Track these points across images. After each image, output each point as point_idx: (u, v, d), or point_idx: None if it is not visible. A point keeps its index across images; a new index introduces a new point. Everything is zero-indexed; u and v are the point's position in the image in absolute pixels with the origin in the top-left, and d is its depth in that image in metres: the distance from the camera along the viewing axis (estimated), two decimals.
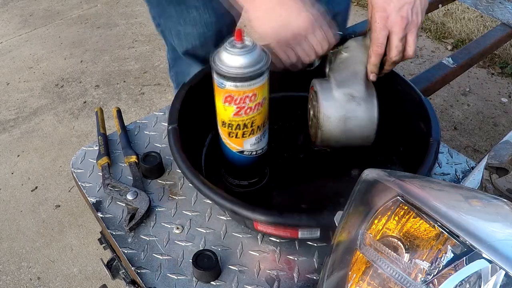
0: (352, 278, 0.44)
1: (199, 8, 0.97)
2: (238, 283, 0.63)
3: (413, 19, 0.67)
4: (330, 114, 0.69)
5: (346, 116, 0.69)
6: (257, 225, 0.62)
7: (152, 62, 2.45)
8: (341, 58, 0.73)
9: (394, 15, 0.66)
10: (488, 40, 1.25)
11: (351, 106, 0.69)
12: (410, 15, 0.66)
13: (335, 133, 0.70)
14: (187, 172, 0.64)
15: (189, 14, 0.98)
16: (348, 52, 0.72)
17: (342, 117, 0.69)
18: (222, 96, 0.63)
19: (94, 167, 0.80)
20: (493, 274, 0.36)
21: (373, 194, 0.46)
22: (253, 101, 0.63)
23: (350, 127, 0.70)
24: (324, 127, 0.70)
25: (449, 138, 1.97)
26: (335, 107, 0.69)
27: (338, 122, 0.69)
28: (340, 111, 0.69)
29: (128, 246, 0.68)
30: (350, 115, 0.69)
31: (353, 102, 0.69)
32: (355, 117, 0.70)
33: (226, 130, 0.67)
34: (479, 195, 0.47)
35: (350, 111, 0.69)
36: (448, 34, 2.59)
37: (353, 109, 0.69)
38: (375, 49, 0.68)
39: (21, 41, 2.69)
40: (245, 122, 0.65)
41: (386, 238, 0.43)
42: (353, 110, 0.69)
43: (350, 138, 0.71)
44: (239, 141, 0.68)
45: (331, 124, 0.70)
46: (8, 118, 2.15)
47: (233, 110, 0.64)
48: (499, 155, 0.63)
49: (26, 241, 1.63)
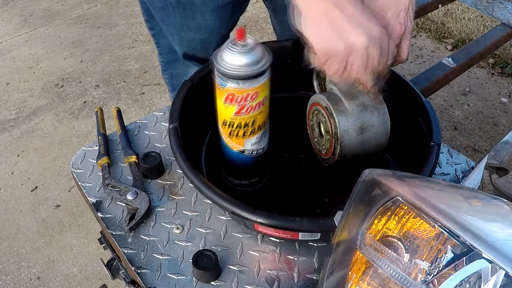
0: (352, 278, 0.44)
1: (205, 14, 0.95)
2: (238, 283, 0.63)
3: (408, 24, 0.66)
4: (347, 127, 0.69)
5: (363, 127, 0.69)
6: (258, 226, 0.62)
7: (152, 62, 2.45)
8: None
9: (393, 22, 0.65)
10: (488, 40, 1.25)
11: (366, 116, 0.69)
12: (406, 21, 0.66)
13: (353, 145, 0.70)
14: (189, 173, 0.64)
15: (194, 20, 0.96)
16: None
17: (359, 128, 0.69)
18: (223, 95, 0.63)
19: (94, 167, 0.80)
20: (493, 274, 0.36)
21: (373, 194, 0.46)
22: (255, 100, 0.63)
23: (367, 137, 0.70)
24: (343, 142, 0.69)
25: (449, 138, 1.97)
26: (351, 120, 0.69)
27: (356, 134, 0.69)
28: (356, 123, 0.69)
29: (128, 246, 0.68)
30: (366, 125, 0.69)
31: (367, 112, 0.69)
32: (371, 126, 0.69)
33: (227, 129, 0.67)
34: (479, 195, 0.47)
35: (365, 121, 0.69)
36: (448, 34, 2.59)
37: (368, 118, 0.69)
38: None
39: (21, 41, 2.69)
40: (246, 121, 0.65)
41: (386, 238, 0.43)
42: (368, 119, 0.69)
43: (366, 147, 0.71)
44: (240, 140, 0.68)
45: (350, 138, 0.69)
46: (8, 118, 2.15)
47: (234, 109, 0.63)
48: (499, 155, 0.63)
49: (26, 241, 1.63)
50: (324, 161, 0.76)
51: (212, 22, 0.97)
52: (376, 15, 0.64)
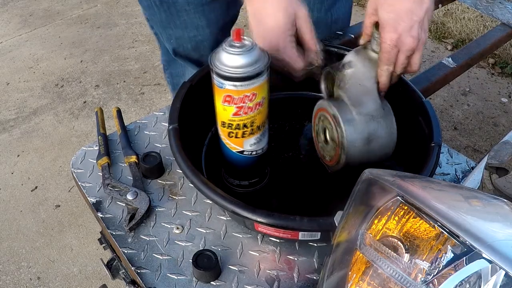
0: (352, 278, 0.44)
1: (189, 12, 0.95)
2: (238, 283, 0.63)
3: (422, 37, 0.64)
4: (354, 139, 0.67)
5: (370, 138, 0.68)
6: (258, 225, 0.62)
7: (152, 62, 2.46)
8: (346, 75, 0.70)
9: (405, 35, 0.63)
10: (488, 40, 1.25)
11: (373, 126, 0.68)
12: (420, 33, 0.64)
13: (359, 155, 0.69)
14: (189, 173, 0.64)
15: (179, 17, 0.97)
16: (353, 67, 0.70)
17: (365, 139, 0.68)
18: (221, 96, 0.63)
19: (94, 167, 0.80)
20: (493, 274, 0.36)
21: (373, 194, 0.46)
22: (253, 101, 0.63)
23: (373, 148, 0.69)
24: (349, 152, 0.68)
25: (449, 138, 1.97)
26: (358, 131, 0.68)
27: (362, 145, 0.68)
28: (363, 133, 0.68)
29: (128, 246, 0.68)
30: (373, 137, 0.68)
31: (374, 122, 0.68)
32: (377, 137, 0.68)
33: (226, 130, 0.67)
34: (479, 195, 0.47)
35: (372, 132, 0.68)
36: (448, 34, 2.59)
37: (375, 129, 0.68)
38: (386, 67, 0.66)
39: (21, 41, 2.69)
40: (245, 122, 0.65)
41: (386, 238, 0.43)
42: (375, 130, 0.68)
43: (371, 157, 0.70)
44: (239, 141, 0.68)
45: (356, 149, 0.68)
46: (8, 118, 2.15)
47: (233, 110, 0.63)
48: (499, 155, 0.63)
49: (26, 241, 1.63)
50: (328, 168, 0.75)
51: (197, 20, 0.97)
52: (388, 27, 0.63)
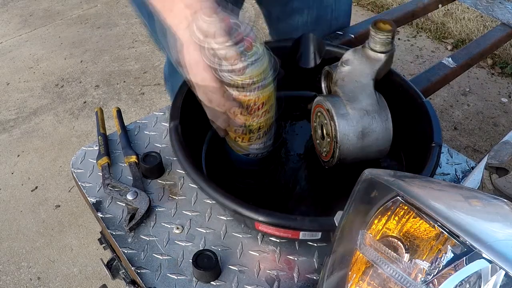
0: (352, 278, 0.44)
1: None
2: (238, 283, 0.63)
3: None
4: (347, 132, 0.68)
5: (363, 132, 0.69)
6: (258, 225, 0.62)
7: (152, 62, 2.46)
8: (343, 72, 0.72)
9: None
10: (488, 40, 1.25)
11: (367, 121, 0.69)
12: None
13: (353, 150, 0.69)
14: (190, 171, 0.64)
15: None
16: (350, 65, 0.71)
17: (359, 133, 0.68)
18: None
19: (94, 167, 0.80)
20: (493, 274, 0.36)
21: (373, 194, 0.46)
22: (261, 109, 0.63)
23: (368, 143, 0.69)
24: (342, 146, 0.69)
25: (449, 138, 1.97)
26: (352, 125, 0.68)
27: (356, 139, 0.69)
28: (357, 127, 0.68)
29: (128, 246, 0.68)
30: (367, 131, 0.69)
31: (368, 117, 0.69)
32: (372, 132, 0.69)
33: (233, 135, 0.67)
34: (479, 195, 0.47)
35: (366, 127, 0.69)
36: (448, 34, 2.59)
37: (368, 124, 0.69)
38: None
39: (21, 41, 2.69)
40: (251, 129, 0.65)
41: (386, 238, 0.43)
42: (369, 125, 0.69)
43: (367, 153, 0.71)
44: (245, 145, 0.68)
45: (349, 142, 0.69)
46: (8, 118, 2.15)
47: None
48: (499, 155, 0.63)
49: (26, 241, 1.63)
50: (324, 163, 0.76)
51: None
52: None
